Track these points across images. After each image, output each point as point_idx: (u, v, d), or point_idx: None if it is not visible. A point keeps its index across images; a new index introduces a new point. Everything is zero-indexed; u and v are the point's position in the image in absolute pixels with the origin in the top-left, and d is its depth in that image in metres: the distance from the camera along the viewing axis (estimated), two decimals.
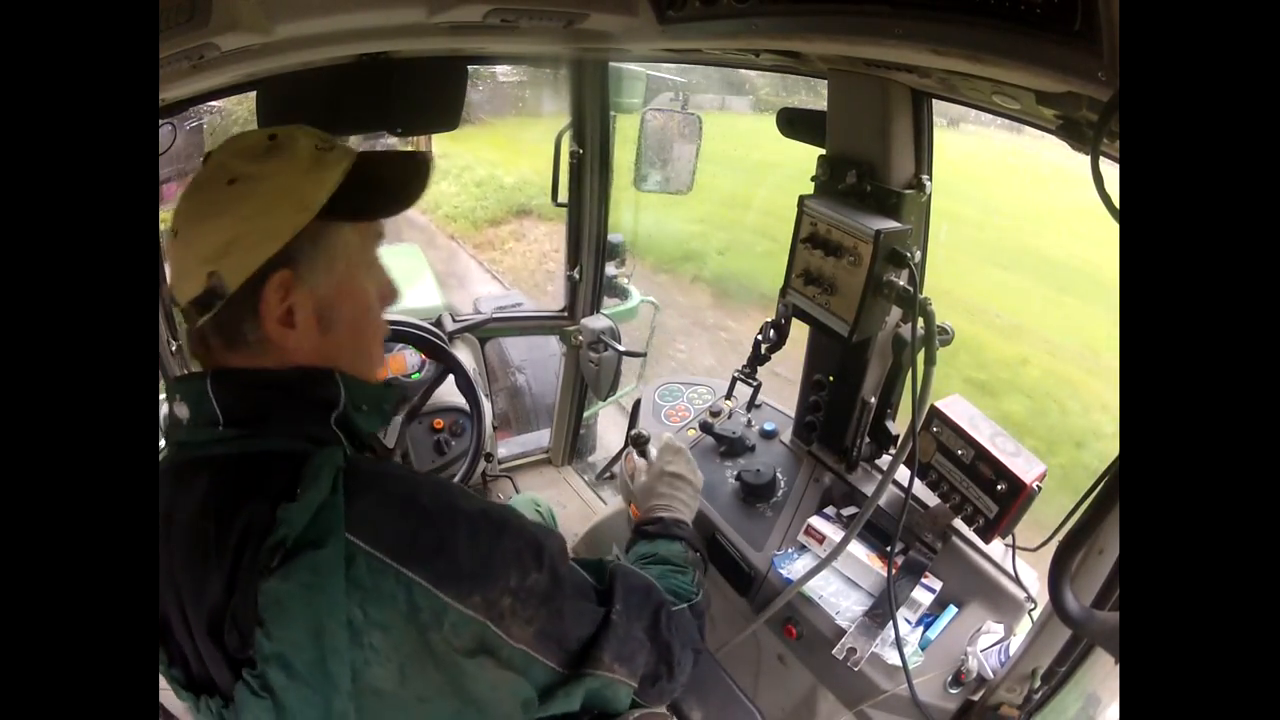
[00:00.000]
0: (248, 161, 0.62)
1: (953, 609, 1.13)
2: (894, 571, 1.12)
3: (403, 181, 0.69)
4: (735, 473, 1.37)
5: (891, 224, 1.01)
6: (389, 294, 0.72)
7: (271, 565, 0.53)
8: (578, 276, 1.96)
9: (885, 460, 1.36)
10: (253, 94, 1.31)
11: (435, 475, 0.66)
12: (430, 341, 1.65)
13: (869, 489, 1.28)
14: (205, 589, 0.56)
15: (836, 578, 1.19)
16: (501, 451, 2.27)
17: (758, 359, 1.39)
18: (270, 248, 0.60)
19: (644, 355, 2.52)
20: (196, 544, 0.57)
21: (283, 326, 0.62)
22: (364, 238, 0.68)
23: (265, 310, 0.61)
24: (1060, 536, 0.72)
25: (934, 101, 1.08)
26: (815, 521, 1.24)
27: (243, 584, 0.54)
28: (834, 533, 1.21)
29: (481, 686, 0.58)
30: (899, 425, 1.31)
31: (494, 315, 2.17)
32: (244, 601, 0.54)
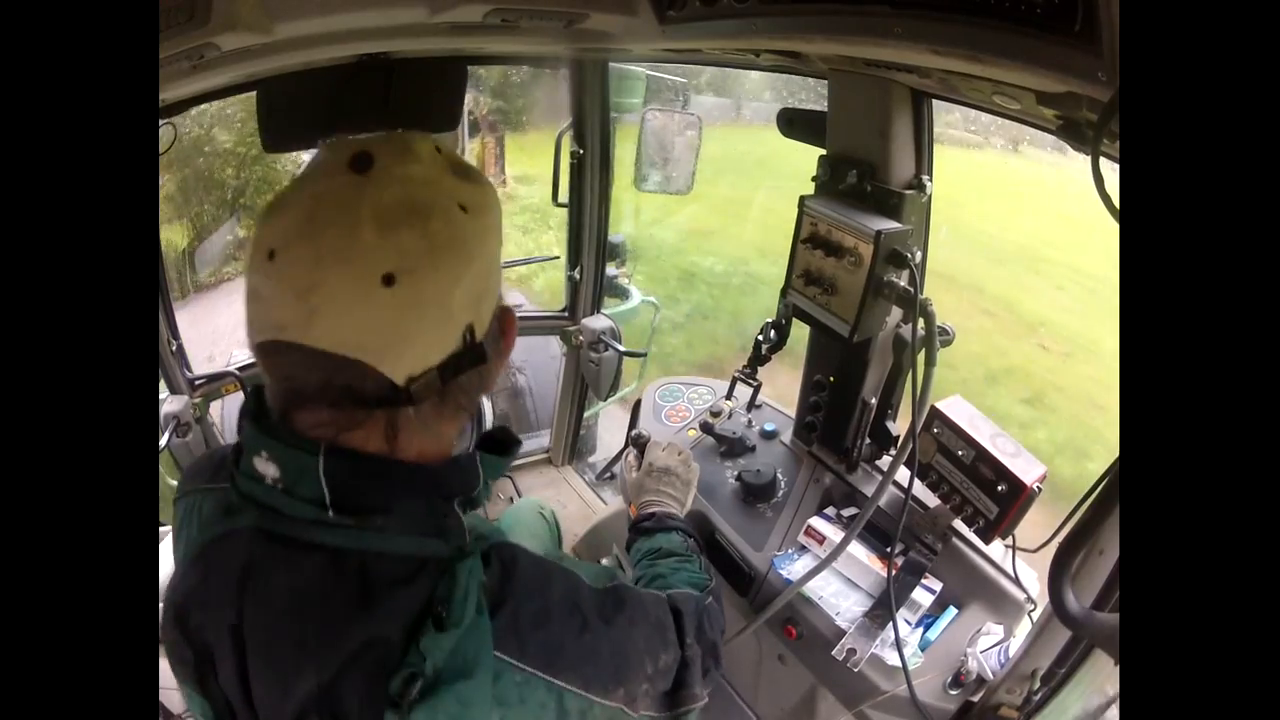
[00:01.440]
0: (459, 183, 0.51)
1: (952, 610, 1.13)
2: (894, 572, 1.12)
3: None
4: (735, 473, 1.37)
5: (892, 224, 1.01)
6: None
7: (410, 698, 0.47)
8: (578, 276, 1.96)
9: (885, 461, 1.36)
10: None
11: (555, 564, 0.59)
12: None
13: (869, 490, 1.28)
14: (291, 685, 0.49)
15: (836, 578, 1.19)
16: None
17: (758, 359, 1.39)
18: (501, 284, 0.55)
19: (644, 355, 2.52)
20: (294, 638, 0.49)
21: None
22: None
23: (504, 352, 0.57)
24: (1060, 537, 0.72)
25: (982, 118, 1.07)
26: (815, 522, 1.24)
27: (349, 698, 0.48)
28: (834, 533, 1.21)
29: None
30: (899, 426, 1.31)
31: None
32: (350, 713, 0.48)
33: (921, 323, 0.99)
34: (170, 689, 0.65)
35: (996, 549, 1.16)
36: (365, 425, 0.50)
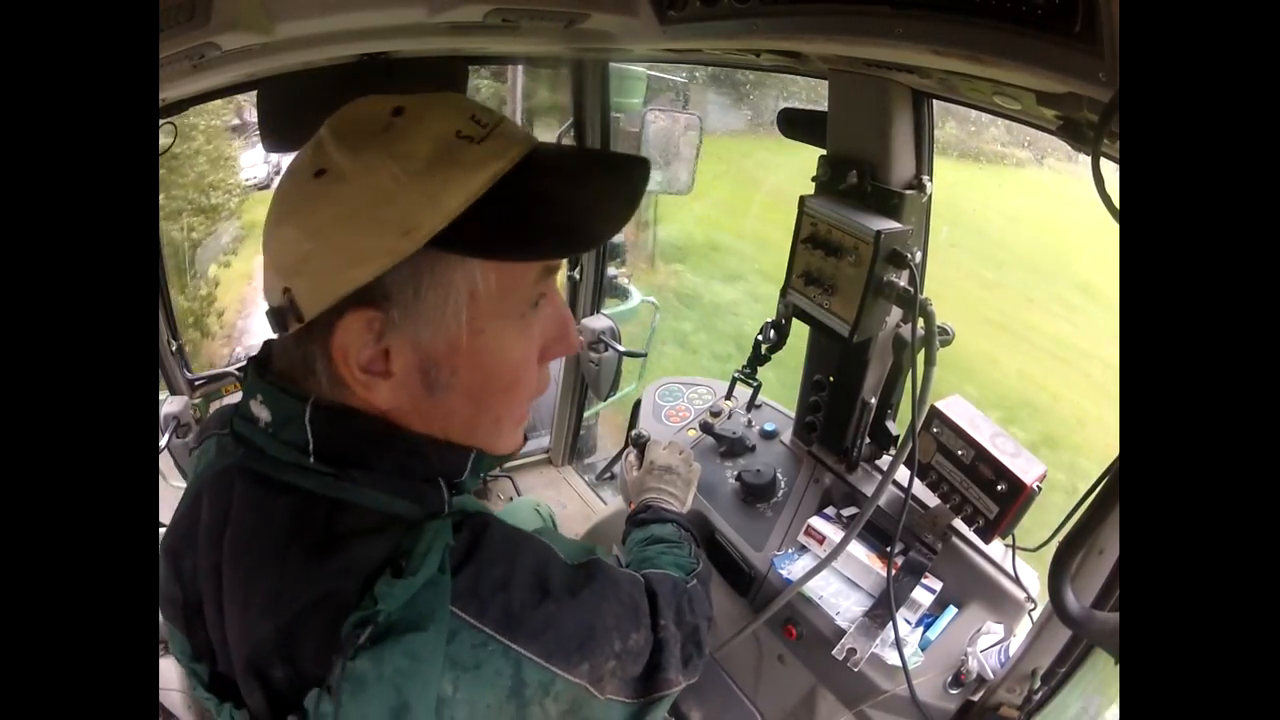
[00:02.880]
0: (346, 146, 0.47)
1: (953, 609, 1.13)
2: (894, 572, 1.12)
3: (592, 202, 0.50)
4: (735, 473, 1.37)
5: (892, 224, 1.01)
6: (557, 347, 0.56)
7: (359, 643, 0.45)
8: (578, 276, 1.97)
9: (885, 460, 1.36)
10: None
11: (531, 535, 0.57)
12: None
13: (869, 489, 1.28)
14: (252, 626, 0.50)
15: (836, 578, 1.19)
16: None
17: (758, 359, 1.39)
18: (355, 276, 0.46)
19: (644, 355, 2.52)
20: (256, 577, 0.50)
21: (369, 375, 0.49)
22: (513, 281, 0.50)
23: (339, 354, 0.48)
24: (1060, 537, 0.73)
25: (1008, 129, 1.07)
26: (815, 522, 1.24)
27: (304, 644, 0.48)
28: (834, 533, 1.21)
29: None
30: (899, 425, 1.31)
31: None
32: (305, 659, 0.48)
33: (921, 323, 0.99)
34: (170, 690, 0.65)
35: (996, 548, 1.16)
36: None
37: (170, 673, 0.63)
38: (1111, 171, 0.59)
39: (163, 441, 1.44)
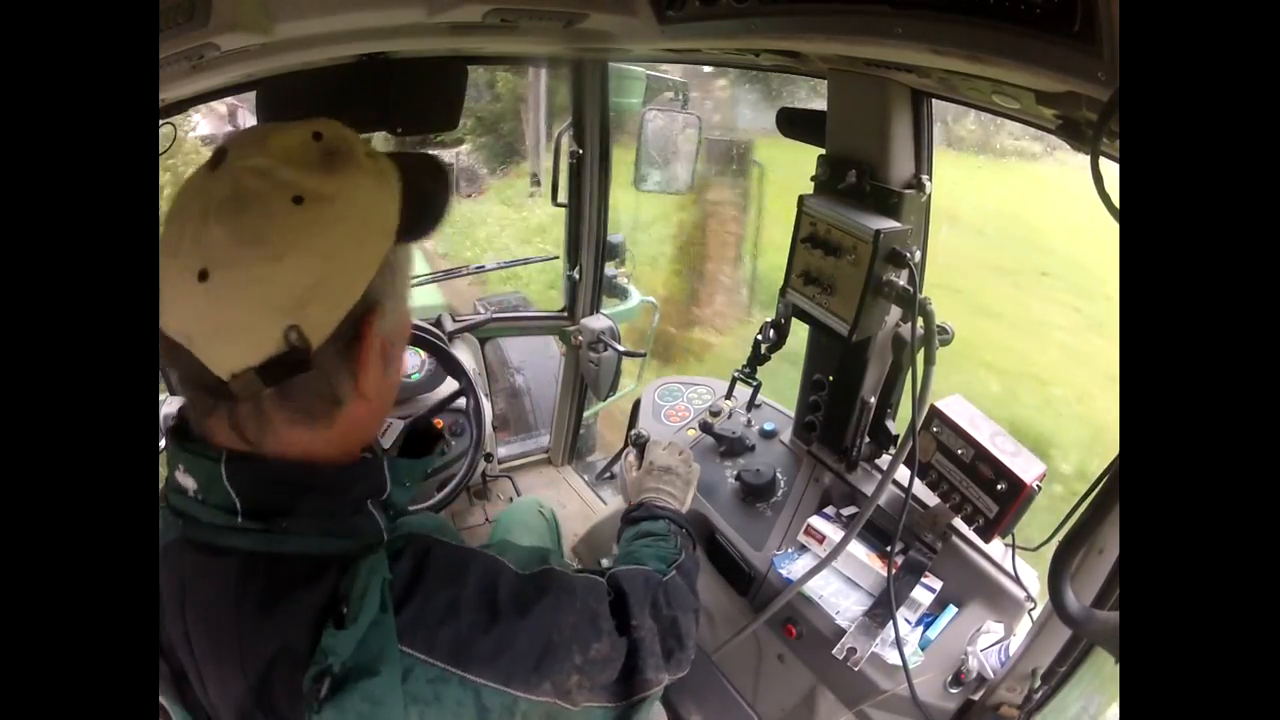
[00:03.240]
0: (310, 173, 0.48)
1: (953, 609, 1.13)
2: (894, 571, 1.12)
3: (445, 190, 0.60)
4: (735, 473, 1.37)
5: (891, 224, 1.01)
6: None
7: (320, 696, 0.48)
8: (578, 276, 1.97)
9: (885, 460, 1.36)
10: None
11: (477, 552, 0.59)
12: (430, 342, 1.65)
13: (869, 489, 1.28)
14: (228, 688, 0.51)
15: (836, 577, 1.19)
16: (501, 452, 2.27)
17: (757, 359, 1.39)
18: (359, 286, 0.50)
19: (644, 355, 2.52)
20: (219, 642, 0.51)
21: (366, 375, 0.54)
22: (410, 256, 0.59)
23: (363, 362, 0.52)
24: (1060, 536, 0.73)
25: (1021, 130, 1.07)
26: (815, 521, 1.24)
27: (278, 697, 0.50)
28: (834, 533, 1.21)
29: None
30: (899, 425, 1.31)
31: (494, 315, 2.18)
32: (283, 709, 0.50)
33: (921, 322, 0.99)
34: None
35: (996, 547, 1.16)
36: (213, 414, 0.52)
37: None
38: (1111, 170, 0.59)
39: (163, 442, 1.44)
